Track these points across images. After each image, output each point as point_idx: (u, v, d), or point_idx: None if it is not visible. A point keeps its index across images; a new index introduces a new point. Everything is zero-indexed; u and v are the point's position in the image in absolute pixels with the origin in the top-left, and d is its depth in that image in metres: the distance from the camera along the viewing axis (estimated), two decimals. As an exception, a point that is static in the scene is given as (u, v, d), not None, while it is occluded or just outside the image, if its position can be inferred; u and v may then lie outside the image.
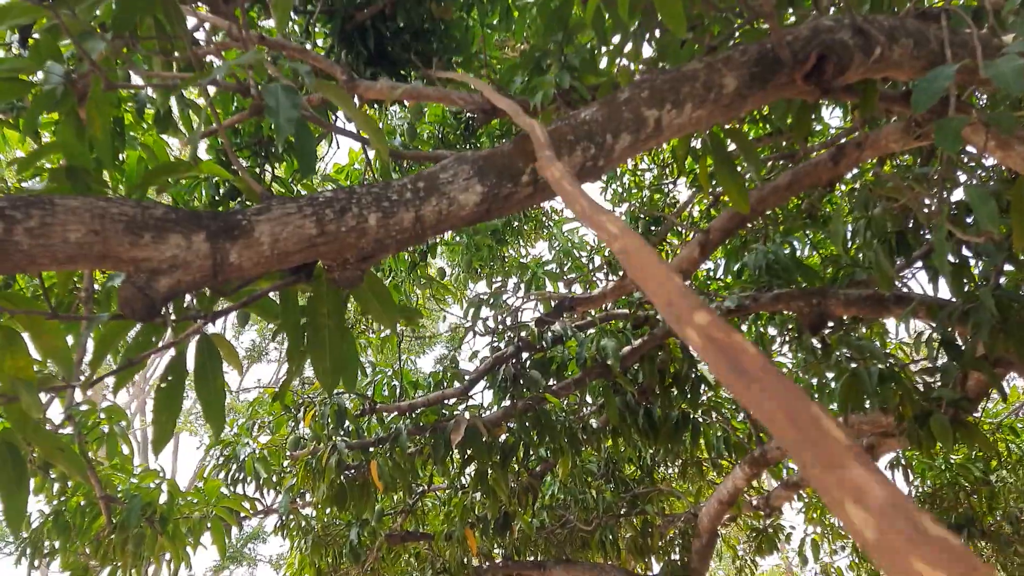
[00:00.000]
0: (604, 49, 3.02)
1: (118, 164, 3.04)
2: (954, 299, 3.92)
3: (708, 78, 1.92)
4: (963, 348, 4.03)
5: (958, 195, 3.73)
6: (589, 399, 5.71)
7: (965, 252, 3.99)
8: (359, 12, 5.25)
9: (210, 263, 1.43)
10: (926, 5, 2.63)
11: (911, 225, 4.32)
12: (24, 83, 1.78)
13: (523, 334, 4.72)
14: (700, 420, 5.77)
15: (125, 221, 1.38)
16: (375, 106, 5.94)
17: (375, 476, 4.44)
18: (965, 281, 3.90)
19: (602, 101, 1.83)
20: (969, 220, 3.70)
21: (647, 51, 4.01)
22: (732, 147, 2.51)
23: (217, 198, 4.78)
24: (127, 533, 3.62)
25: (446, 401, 4.92)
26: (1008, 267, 3.85)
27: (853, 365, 4.17)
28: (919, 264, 4.70)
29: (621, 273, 4.47)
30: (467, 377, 4.97)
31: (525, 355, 4.88)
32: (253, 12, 5.23)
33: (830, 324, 4.81)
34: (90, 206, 1.36)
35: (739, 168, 3.04)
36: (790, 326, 5.80)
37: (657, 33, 2.95)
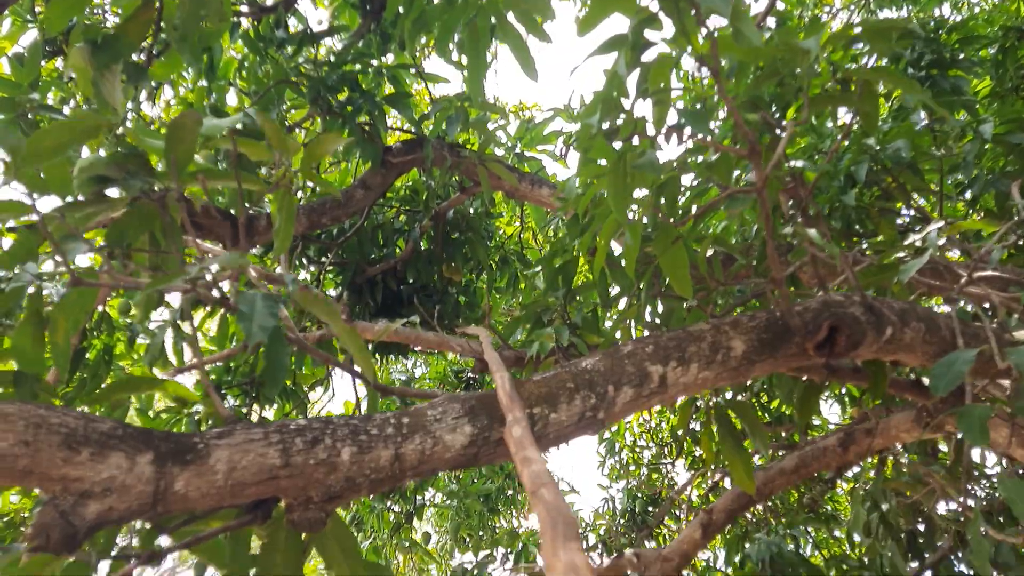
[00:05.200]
0: (607, 313, 3.00)
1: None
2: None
3: (715, 340, 1.84)
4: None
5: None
6: None
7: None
8: (370, 267, 5.39)
9: (151, 489, 1.25)
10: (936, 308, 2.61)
11: (922, 528, 4.08)
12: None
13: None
14: None
15: (64, 434, 1.21)
16: (378, 359, 5.92)
17: None
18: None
19: (604, 352, 1.73)
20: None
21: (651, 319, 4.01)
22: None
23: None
24: None
25: None
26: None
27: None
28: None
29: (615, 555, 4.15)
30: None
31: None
32: (263, 259, 5.37)
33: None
34: (27, 413, 1.20)
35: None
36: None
37: (659, 308, 2.93)
